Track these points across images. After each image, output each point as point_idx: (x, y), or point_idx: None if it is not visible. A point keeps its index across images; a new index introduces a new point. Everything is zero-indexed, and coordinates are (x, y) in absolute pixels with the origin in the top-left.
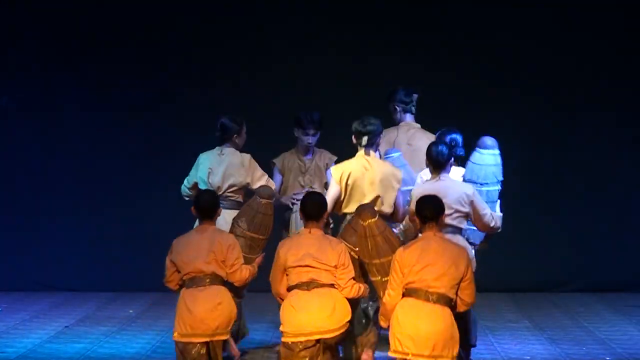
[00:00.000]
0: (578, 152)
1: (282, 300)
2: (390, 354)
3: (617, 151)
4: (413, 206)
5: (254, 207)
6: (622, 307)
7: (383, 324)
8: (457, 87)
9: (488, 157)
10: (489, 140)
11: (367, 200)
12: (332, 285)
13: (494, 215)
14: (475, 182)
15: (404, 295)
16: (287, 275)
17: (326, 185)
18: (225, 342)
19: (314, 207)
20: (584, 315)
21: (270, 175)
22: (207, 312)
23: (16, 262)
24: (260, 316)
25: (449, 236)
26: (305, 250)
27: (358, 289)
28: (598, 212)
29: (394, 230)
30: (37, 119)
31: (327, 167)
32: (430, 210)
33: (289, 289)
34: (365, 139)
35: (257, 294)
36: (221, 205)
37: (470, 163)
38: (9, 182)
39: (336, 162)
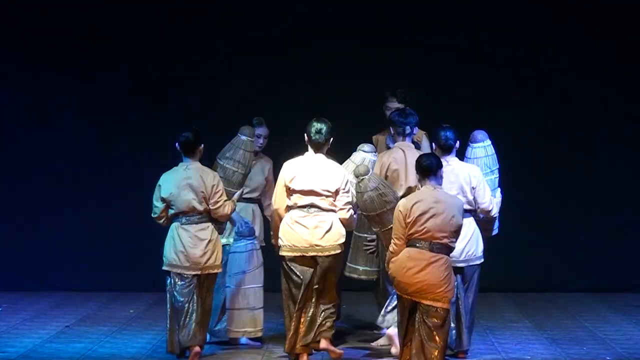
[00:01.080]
0: (578, 153)
1: (279, 218)
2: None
3: (616, 152)
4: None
5: (236, 144)
6: (623, 307)
7: (390, 272)
8: (459, 88)
9: (479, 150)
10: (479, 135)
11: (406, 187)
12: (329, 210)
13: (492, 201)
14: None
15: (408, 244)
16: (289, 195)
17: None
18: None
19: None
20: (585, 315)
21: None
22: (201, 250)
23: (17, 262)
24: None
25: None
26: (310, 175)
27: (352, 213)
28: (598, 213)
29: None
30: (37, 120)
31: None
32: (431, 164)
33: (290, 208)
34: (407, 129)
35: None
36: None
37: (465, 158)
38: (10, 183)
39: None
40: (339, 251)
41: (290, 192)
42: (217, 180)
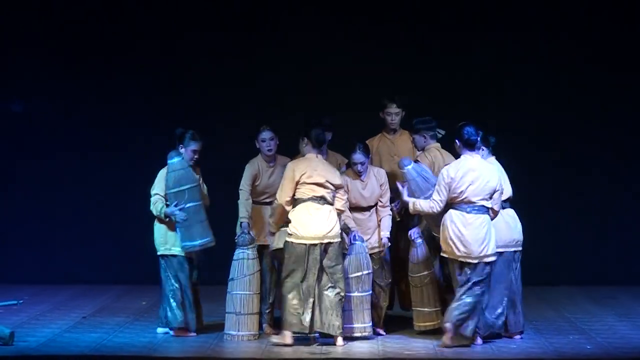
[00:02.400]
0: (564, 152)
1: (284, 211)
2: (442, 254)
3: (599, 150)
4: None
5: (172, 172)
6: (602, 299)
7: (435, 233)
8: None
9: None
10: (405, 160)
11: None
12: (331, 203)
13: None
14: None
15: (450, 207)
16: (298, 189)
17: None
18: None
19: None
20: (568, 307)
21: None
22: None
23: (38, 258)
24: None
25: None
26: (319, 171)
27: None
28: (581, 212)
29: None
30: (55, 122)
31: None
32: (472, 135)
33: (298, 201)
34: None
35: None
36: None
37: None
38: (31, 183)
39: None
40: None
41: (301, 186)
42: None
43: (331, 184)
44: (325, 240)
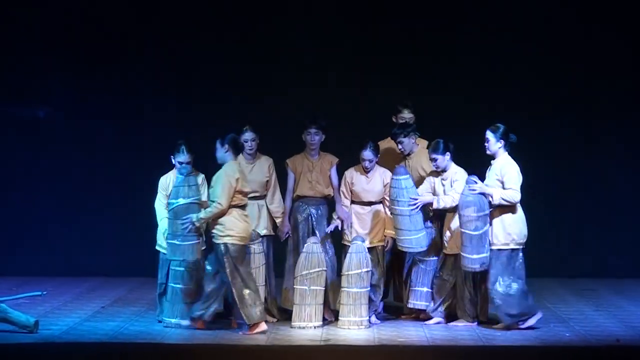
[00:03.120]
0: (542, 152)
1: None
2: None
3: (575, 150)
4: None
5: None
6: (580, 290)
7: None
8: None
9: (404, 182)
10: (400, 169)
11: None
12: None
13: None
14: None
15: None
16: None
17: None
18: None
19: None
20: (549, 298)
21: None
22: None
23: (59, 252)
24: None
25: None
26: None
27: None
28: (562, 209)
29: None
30: (73, 125)
31: (331, 167)
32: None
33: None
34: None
35: None
36: None
37: (392, 189)
38: (51, 182)
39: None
40: None
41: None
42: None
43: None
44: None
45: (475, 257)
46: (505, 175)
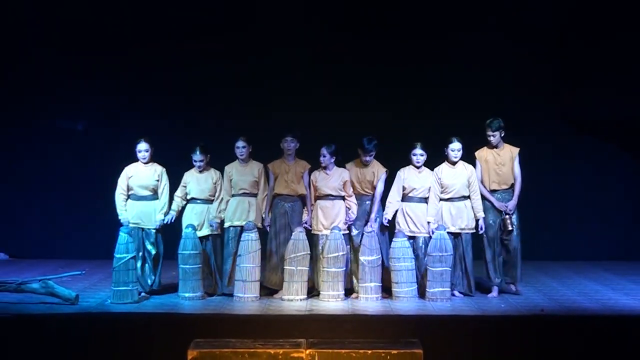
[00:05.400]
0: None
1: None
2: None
3: (550, 151)
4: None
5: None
6: (551, 272)
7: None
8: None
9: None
10: None
11: None
12: None
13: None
14: None
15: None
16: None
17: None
18: None
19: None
20: (526, 278)
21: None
22: None
23: (93, 237)
24: None
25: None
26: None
27: None
28: (540, 203)
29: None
30: (117, 130)
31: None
32: None
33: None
34: None
35: None
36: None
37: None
38: (91, 180)
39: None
40: None
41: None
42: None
43: None
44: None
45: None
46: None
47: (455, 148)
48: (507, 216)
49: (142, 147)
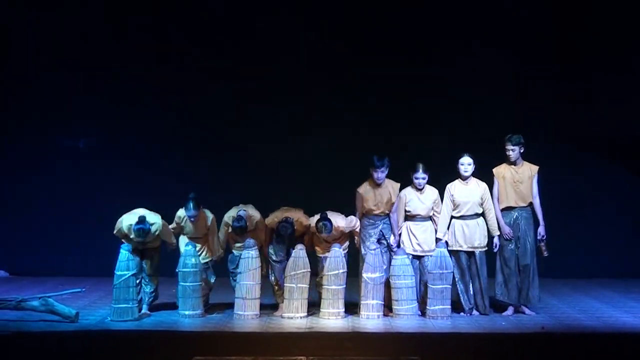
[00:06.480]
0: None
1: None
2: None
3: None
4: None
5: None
6: (553, 290)
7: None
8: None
9: None
10: None
11: None
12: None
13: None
14: None
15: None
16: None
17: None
18: None
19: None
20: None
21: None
22: None
23: (92, 255)
24: None
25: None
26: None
27: None
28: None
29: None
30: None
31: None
32: None
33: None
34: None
35: None
36: None
37: None
38: (91, 197)
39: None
40: None
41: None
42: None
43: None
44: None
45: None
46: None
47: (465, 162)
48: (542, 243)
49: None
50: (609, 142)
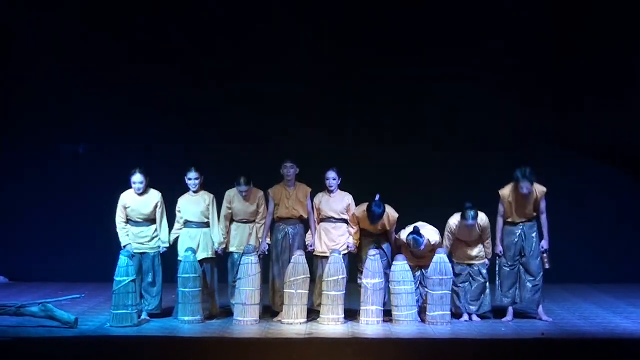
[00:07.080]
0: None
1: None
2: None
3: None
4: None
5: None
6: (552, 295)
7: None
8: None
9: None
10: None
11: None
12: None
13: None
14: None
15: None
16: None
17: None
18: None
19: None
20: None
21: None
22: None
23: (91, 261)
24: None
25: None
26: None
27: None
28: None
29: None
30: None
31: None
32: None
33: None
34: None
35: None
36: None
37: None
38: (89, 204)
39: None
40: None
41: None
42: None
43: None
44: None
45: None
46: None
47: (470, 217)
48: (545, 255)
49: (137, 179)
50: (610, 149)
